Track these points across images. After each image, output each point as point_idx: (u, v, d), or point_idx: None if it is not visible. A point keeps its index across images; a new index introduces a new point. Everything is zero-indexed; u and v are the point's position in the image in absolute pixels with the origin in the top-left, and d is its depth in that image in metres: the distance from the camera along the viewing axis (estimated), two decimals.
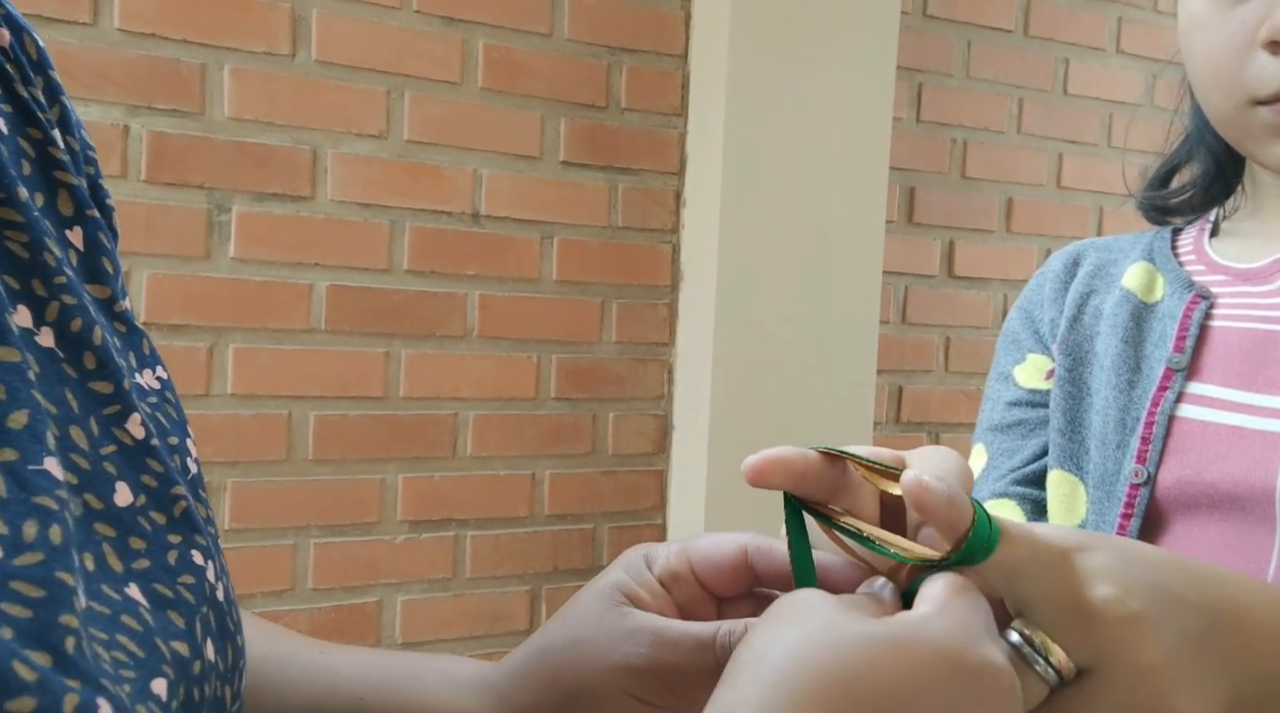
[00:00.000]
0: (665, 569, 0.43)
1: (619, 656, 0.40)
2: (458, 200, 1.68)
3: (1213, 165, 0.70)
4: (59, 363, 0.29)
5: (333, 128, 1.59)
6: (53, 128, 0.33)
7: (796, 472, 0.40)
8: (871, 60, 1.82)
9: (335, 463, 1.62)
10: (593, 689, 0.40)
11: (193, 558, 0.32)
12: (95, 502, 0.29)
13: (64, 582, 0.25)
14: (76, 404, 0.30)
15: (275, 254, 1.57)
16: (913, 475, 0.35)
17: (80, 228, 0.33)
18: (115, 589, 0.28)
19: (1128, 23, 2.23)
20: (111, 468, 0.30)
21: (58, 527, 0.26)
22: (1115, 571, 0.36)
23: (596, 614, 0.42)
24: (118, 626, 0.27)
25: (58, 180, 0.33)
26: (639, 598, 0.42)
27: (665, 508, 1.86)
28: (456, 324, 1.69)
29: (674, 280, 1.85)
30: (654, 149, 1.81)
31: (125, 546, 0.29)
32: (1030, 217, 2.17)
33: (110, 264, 0.34)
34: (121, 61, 1.46)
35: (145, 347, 0.35)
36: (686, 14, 1.82)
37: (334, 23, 1.58)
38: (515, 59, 1.70)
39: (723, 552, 0.43)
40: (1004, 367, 0.73)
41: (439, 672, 0.46)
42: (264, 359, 1.57)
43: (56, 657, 0.24)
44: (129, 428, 0.31)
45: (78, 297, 0.31)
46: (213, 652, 0.31)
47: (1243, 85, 0.60)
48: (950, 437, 2.12)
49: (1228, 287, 0.65)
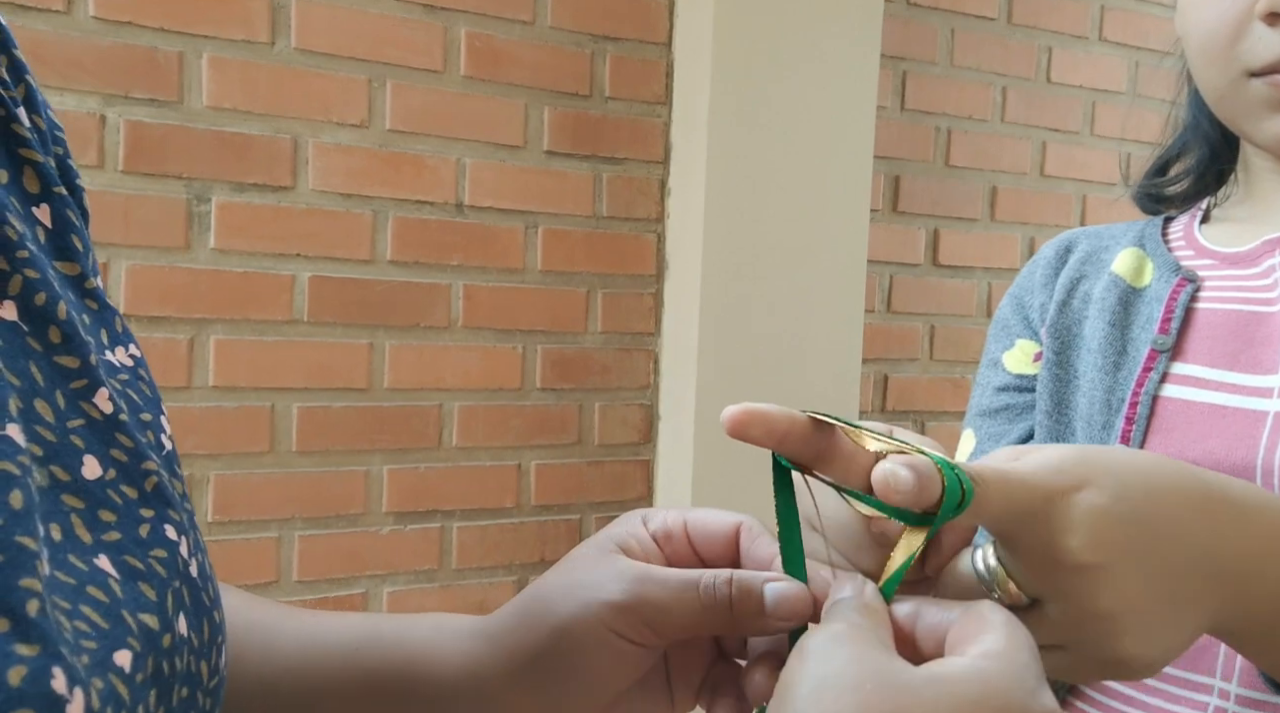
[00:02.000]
0: (661, 526, 0.45)
1: (604, 592, 0.42)
2: (441, 190, 1.67)
3: (1207, 153, 0.71)
4: (23, 336, 0.29)
5: (313, 117, 1.58)
6: (17, 106, 0.33)
7: (779, 431, 0.39)
8: (855, 49, 1.82)
9: (319, 455, 1.61)
10: (576, 627, 0.42)
11: (165, 532, 0.31)
12: (62, 474, 0.29)
13: (25, 546, 0.25)
14: (41, 378, 0.29)
15: (256, 245, 1.55)
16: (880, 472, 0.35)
17: (48, 205, 0.33)
18: (83, 560, 0.28)
19: (1110, 11, 2.24)
20: (79, 441, 0.30)
21: (19, 492, 0.26)
22: (1093, 519, 0.37)
23: (588, 560, 0.44)
24: (83, 596, 0.27)
25: (22, 157, 0.33)
26: (631, 548, 0.44)
27: (652, 497, 1.86)
28: (440, 315, 1.68)
29: (659, 270, 1.84)
30: (638, 138, 1.81)
31: (94, 518, 0.29)
32: (1014, 205, 2.17)
33: (80, 242, 0.34)
34: (97, 50, 1.44)
35: (118, 324, 0.35)
36: (670, 2, 1.81)
37: (314, 10, 1.56)
38: (498, 47, 1.69)
39: (719, 521, 0.45)
40: (994, 353, 0.74)
41: (431, 623, 0.47)
42: (246, 351, 1.55)
43: (15, 620, 0.24)
44: (96, 402, 0.31)
45: (41, 272, 0.30)
46: (185, 627, 0.31)
47: (1238, 57, 0.60)
48: (936, 425, 2.12)
49: (1215, 270, 0.66)
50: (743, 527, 0.44)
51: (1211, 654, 0.57)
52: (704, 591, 0.41)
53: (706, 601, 0.41)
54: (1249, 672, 0.56)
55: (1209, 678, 0.57)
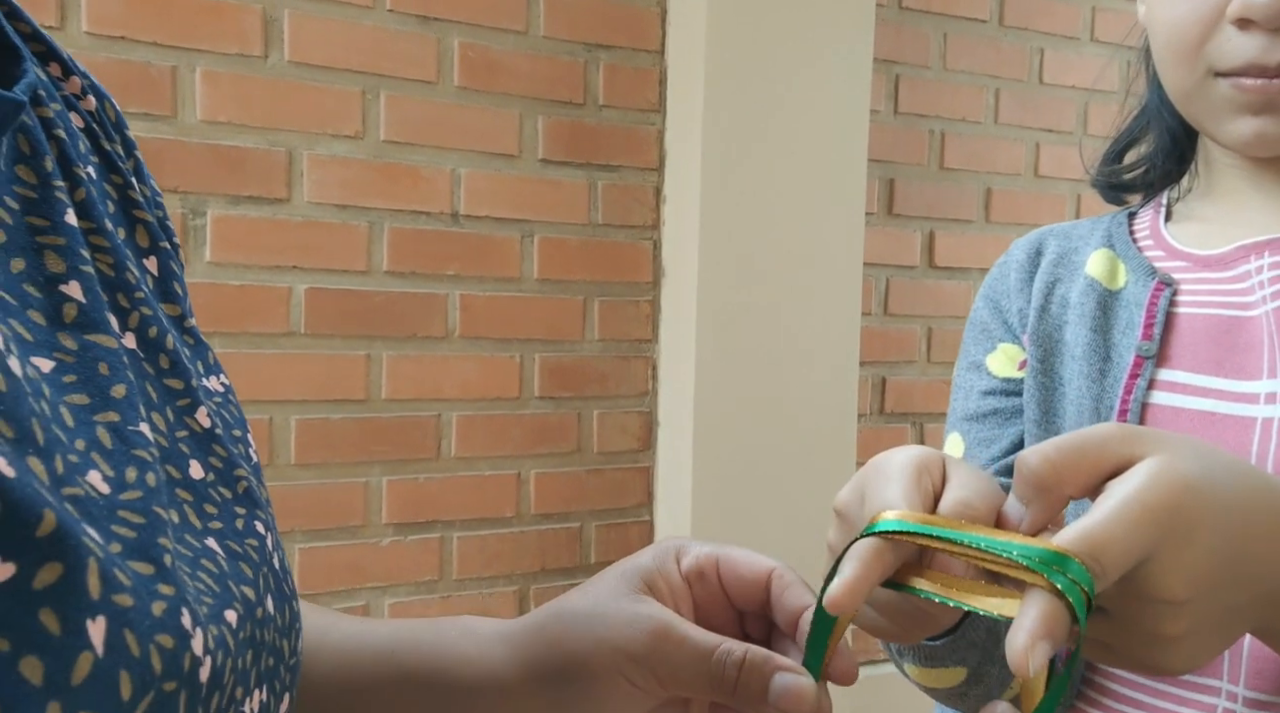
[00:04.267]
0: (693, 565, 0.45)
1: (621, 638, 0.42)
2: (436, 200, 1.67)
3: (1168, 141, 0.70)
4: (140, 361, 0.35)
5: (308, 129, 1.58)
6: (131, 175, 0.40)
7: (876, 581, 0.39)
8: (848, 53, 1.82)
9: (318, 467, 1.61)
10: (591, 662, 0.43)
11: (255, 527, 0.36)
12: (175, 473, 0.34)
13: (160, 515, 0.30)
14: (156, 395, 0.35)
15: (252, 258, 1.55)
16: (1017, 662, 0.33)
17: (155, 257, 0.39)
18: (196, 539, 0.33)
19: (1101, 11, 2.24)
20: (185, 449, 0.35)
21: (153, 474, 0.31)
22: (1200, 561, 0.38)
23: (614, 594, 0.44)
24: (199, 566, 0.32)
25: (135, 217, 0.39)
26: (658, 589, 0.44)
27: (652, 505, 1.86)
28: (438, 325, 1.68)
29: (655, 277, 1.84)
30: (633, 145, 1.81)
31: (201, 510, 0.34)
32: (1009, 206, 2.18)
33: (180, 288, 0.40)
34: (90, 65, 1.44)
35: (210, 358, 0.41)
36: (662, 9, 1.81)
37: (307, 23, 1.56)
38: (491, 57, 1.69)
39: (751, 564, 0.45)
40: (975, 356, 0.73)
41: (462, 626, 0.49)
42: (243, 364, 1.55)
43: (157, 567, 0.29)
44: (198, 418, 0.36)
45: (154, 309, 0.36)
46: (272, 607, 0.35)
47: (1204, 56, 0.59)
48: (934, 427, 2.12)
49: (1189, 272, 0.65)
50: (774, 574, 0.44)
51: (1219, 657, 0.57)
52: (715, 662, 0.42)
53: (715, 673, 0.42)
54: (1256, 674, 0.56)
55: (1216, 680, 0.57)
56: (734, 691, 0.42)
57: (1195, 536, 0.38)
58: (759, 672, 0.41)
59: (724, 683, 0.42)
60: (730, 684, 0.42)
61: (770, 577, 0.44)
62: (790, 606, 0.44)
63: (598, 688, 0.43)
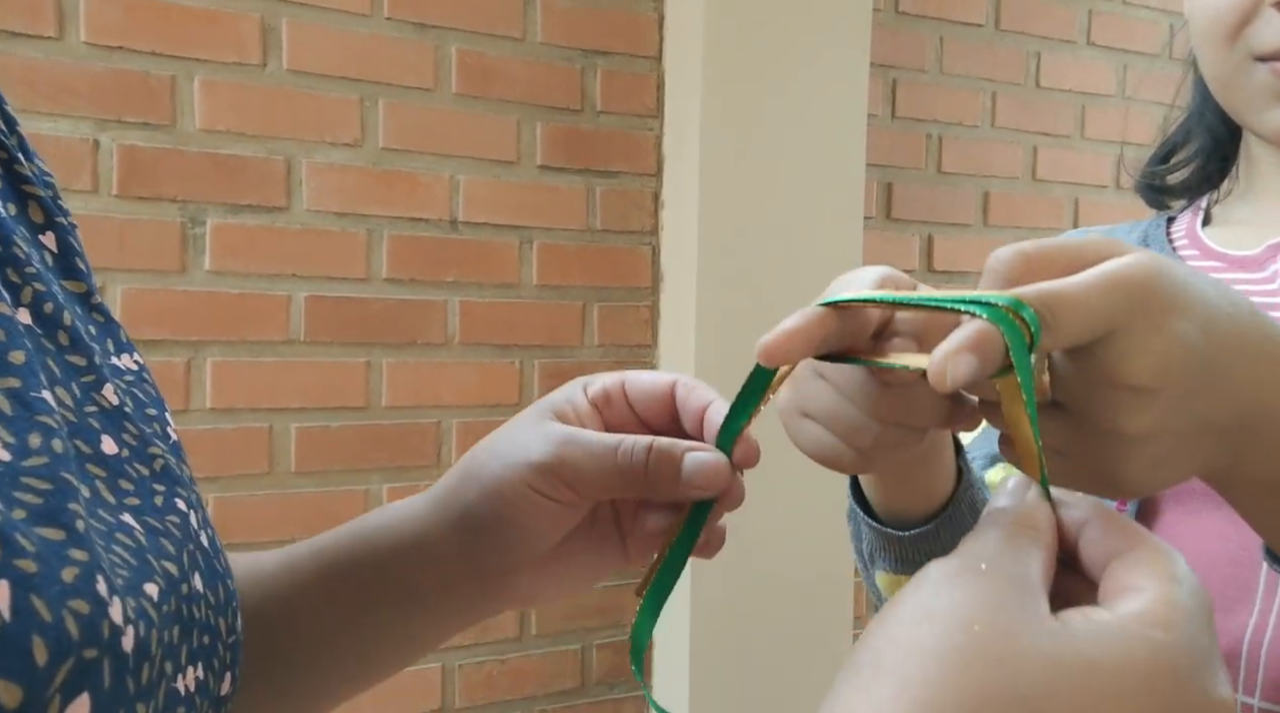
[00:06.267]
0: (600, 391, 0.46)
1: (528, 452, 0.44)
2: (435, 207, 1.67)
3: (1210, 142, 0.70)
4: (37, 337, 0.33)
5: (306, 137, 1.58)
6: (17, 151, 0.37)
7: (816, 340, 0.38)
8: (845, 58, 1.83)
9: (318, 475, 1.61)
10: (503, 485, 0.44)
11: (176, 504, 0.35)
12: (85, 447, 0.32)
13: (69, 480, 0.29)
14: (58, 370, 0.33)
15: (251, 266, 1.55)
16: (936, 372, 0.31)
17: (53, 232, 0.37)
18: (110, 514, 0.31)
19: (1098, 15, 2.25)
20: (95, 424, 0.33)
21: (59, 441, 0.29)
22: (1172, 346, 0.34)
23: (522, 424, 0.46)
24: (114, 540, 0.30)
25: (27, 193, 0.37)
26: (565, 414, 0.46)
27: None
28: (437, 331, 1.68)
29: (654, 282, 1.84)
30: (631, 151, 1.81)
31: (116, 485, 0.33)
32: (1007, 209, 2.18)
33: (83, 264, 0.38)
34: (89, 75, 1.45)
35: (122, 335, 0.39)
36: (659, 15, 1.81)
37: (305, 31, 1.57)
38: (488, 64, 1.69)
39: (655, 379, 0.46)
40: None
41: (381, 507, 0.50)
42: (243, 372, 1.55)
43: (68, 532, 0.27)
44: (105, 395, 0.34)
45: (48, 286, 0.34)
46: (200, 584, 0.34)
47: (1244, 40, 0.59)
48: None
49: (1223, 273, 0.65)
50: (678, 383, 0.46)
51: (1234, 668, 0.56)
52: (621, 455, 0.43)
53: (624, 464, 0.42)
54: (1273, 685, 0.55)
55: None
56: (644, 478, 0.42)
57: (1170, 322, 0.34)
58: (668, 455, 0.42)
59: (633, 473, 0.42)
60: (640, 473, 0.42)
61: (674, 386, 0.45)
62: (695, 405, 0.44)
63: (512, 512, 0.44)
